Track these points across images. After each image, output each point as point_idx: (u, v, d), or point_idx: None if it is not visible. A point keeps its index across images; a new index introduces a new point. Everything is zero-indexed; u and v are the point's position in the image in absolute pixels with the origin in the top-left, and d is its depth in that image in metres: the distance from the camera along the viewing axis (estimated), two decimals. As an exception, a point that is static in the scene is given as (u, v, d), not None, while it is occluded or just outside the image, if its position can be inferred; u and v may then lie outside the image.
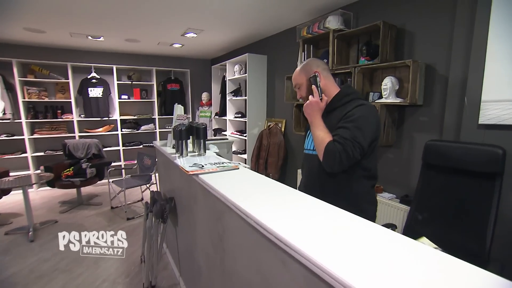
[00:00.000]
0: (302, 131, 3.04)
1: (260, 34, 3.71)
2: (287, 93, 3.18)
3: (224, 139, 2.82)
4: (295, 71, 1.29)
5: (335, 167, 1.07)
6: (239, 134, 4.19)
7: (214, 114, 4.99)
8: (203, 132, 1.79)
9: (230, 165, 1.42)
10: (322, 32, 2.53)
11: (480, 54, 1.50)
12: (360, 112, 1.11)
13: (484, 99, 1.49)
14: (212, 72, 4.99)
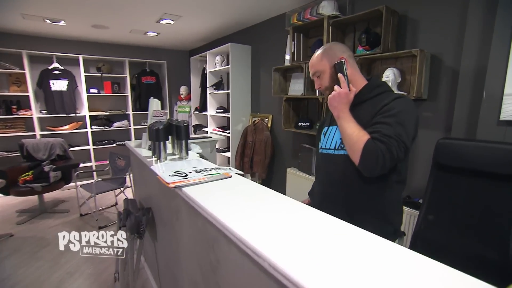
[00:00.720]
0: (292, 128, 2.81)
1: (244, 22, 3.42)
2: (275, 86, 2.93)
3: (208, 137, 2.53)
4: (315, 56, 1.09)
5: (377, 171, 0.89)
6: (222, 130, 3.89)
7: (193, 109, 4.65)
8: (184, 132, 1.49)
9: (220, 172, 1.15)
10: (315, 18, 2.29)
11: (504, 42, 1.33)
12: (401, 106, 0.93)
13: (508, 92, 1.33)
14: (191, 64, 4.62)
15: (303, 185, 2.79)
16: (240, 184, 1.04)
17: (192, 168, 1.21)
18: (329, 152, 1.10)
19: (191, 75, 4.66)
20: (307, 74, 2.46)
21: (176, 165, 1.32)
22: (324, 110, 2.29)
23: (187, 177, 1.07)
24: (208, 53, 3.87)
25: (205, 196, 0.91)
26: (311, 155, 2.72)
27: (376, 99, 1.01)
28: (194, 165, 1.28)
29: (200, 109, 4.38)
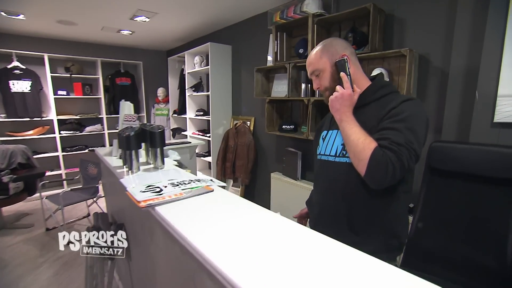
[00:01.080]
0: (275, 131, 2.70)
1: (224, 21, 3.27)
2: (257, 87, 2.80)
3: (186, 142, 2.36)
4: (313, 53, 1.00)
5: (385, 182, 0.80)
6: (202, 134, 3.72)
7: (172, 112, 4.42)
8: (160, 138, 1.33)
9: (200, 185, 1.00)
10: (298, 17, 2.19)
11: (496, 41, 1.28)
12: (410, 110, 0.84)
13: (502, 93, 1.28)
14: (169, 64, 4.40)
15: (288, 190, 2.68)
16: (223, 200, 0.90)
17: (168, 181, 1.05)
18: (329, 159, 0.99)
19: (169, 77, 4.44)
20: (291, 74, 2.36)
21: (150, 177, 1.15)
22: (310, 112, 2.19)
23: (161, 193, 0.91)
24: (186, 53, 3.69)
25: (183, 218, 0.76)
26: (296, 159, 2.61)
27: (382, 101, 0.92)
28: (171, 177, 1.12)
29: (178, 112, 4.18)
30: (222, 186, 1.05)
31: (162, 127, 1.37)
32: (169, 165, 1.43)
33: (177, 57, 4.12)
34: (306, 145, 2.61)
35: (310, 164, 2.61)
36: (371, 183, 0.83)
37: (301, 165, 2.62)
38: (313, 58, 1.00)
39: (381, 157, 0.78)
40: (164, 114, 4.55)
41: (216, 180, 1.10)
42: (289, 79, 2.37)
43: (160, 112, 4.59)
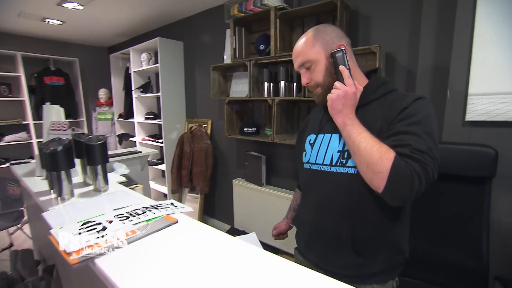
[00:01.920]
0: (236, 134, 2.49)
1: (174, 14, 2.96)
2: (214, 87, 2.57)
3: (136, 152, 2.02)
4: (302, 41, 0.85)
5: (410, 198, 0.66)
6: (153, 139, 3.34)
7: (117, 116, 3.92)
8: (100, 152, 1.03)
9: (159, 214, 0.76)
10: (258, 10, 2.02)
11: (465, 40, 1.26)
12: (425, 110, 0.73)
13: (472, 92, 1.26)
14: (111, 62, 3.89)
15: (252, 198, 2.51)
16: (194, 237, 0.67)
17: (114, 212, 0.77)
18: (322, 169, 0.85)
19: (112, 76, 3.92)
20: (252, 73, 2.18)
21: (89, 206, 0.86)
22: (274, 114, 2.04)
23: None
24: (131, 49, 3.27)
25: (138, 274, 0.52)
26: (259, 163, 2.45)
27: (383, 100, 0.80)
28: (118, 204, 0.85)
29: (125, 116, 3.71)
30: (187, 212, 0.82)
31: (103, 137, 1.07)
32: (115, 185, 1.13)
33: (120, 54, 3.65)
34: (270, 149, 2.46)
35: (276, 169, 2.47)
36: (392, 200, 0.69)
37: (265, 170, 2.46)
38: (303, 47, 0.84)
39: (404, 169, 0.64)
40: (108, 118, 4.02)
41: (179, 204, 0.87)
42: (250, 78, 2.19)
43: (103, 116, 4.04)
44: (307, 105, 2.13)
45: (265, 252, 0.60)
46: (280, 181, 2.45)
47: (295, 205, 1.20)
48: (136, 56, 3.32)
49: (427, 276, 1.27)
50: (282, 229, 1.21)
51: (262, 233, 2.49)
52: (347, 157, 0.79)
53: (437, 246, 1.25)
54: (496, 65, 1.20)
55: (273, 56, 1.99)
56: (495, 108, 1.23)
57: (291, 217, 1.21)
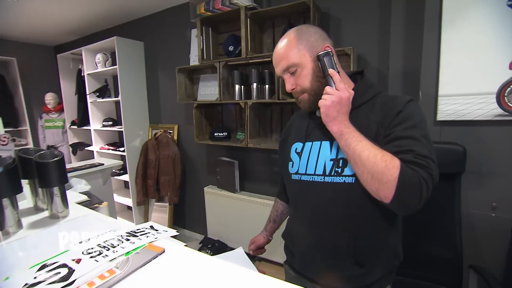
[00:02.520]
0: (206, 139, 2.38)
1: (133, 12, 2.75)
2: (180, 90, 2.43)
3: (98, 165, 1.81)
4: (283, 44, 0.79)
5: (419, 206, 0.64)
6: (114, 148, 3.07)
7: (69, 123, 3.55)
8: (57, 171, 0.87)
9: (140, 243, 0.64)
10: (227, 9, 1.94)
11: (433, 44, 1.32)
12: (419, 113, 0.73)
13: (442, 93, 1.32)
14: (59, 63, 3.49)
15: (226, 205, 2.42)
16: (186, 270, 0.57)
17: (81, 246, 0.64)
18: (314, 180, 0.80)
19: (61, 79, 3.53)
20: (222, 75, 2.09)
21: (45, 240, 0.71)
22: (248, 117, 1.97)
23: (72, 281, 0.51)
24: (84, 49, 2.97)
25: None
26: (232, 169, 2.37)
27: (372, 102, 0.78)
28: (85, 235, 0.70)
29: (79, 123, 3.35)
30: (173, 236, 0.72)
31: (60, 153, 0.90)
32: (75, 207, 0.97)
33: (70, 55, 3.30)
34: (243, 153, 2.39)
35: (249, 174, 2.41)
36: (400, 210, 0.68)
37: (238, 176, 2.38)
38: (286, 50, 0.77)
39: (412, 176, 0.61)
40: (58, 126, 3.62)
41: (160, 227, 0.76)
42: (220, 80, 2.10)
43: (51, 124, 3.62)
44: (280, 107, 2.10)
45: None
46: (254, 186, 2.39)
47: (275, 216, 1.14)
48: (90, 57, 3.03)
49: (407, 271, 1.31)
50: (260, 243, 1.15)
51: (237, 241, 2.41)
52: (342, 166, 0.75)
53: (415, 241, 1.29)
54: (462, 68, 1.28)
55: (244, 58, 1.92)
56: (462, 108, 1.30)
57: (270, 229, 1.15)
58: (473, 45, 1.25)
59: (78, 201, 1.12)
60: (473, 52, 1.25)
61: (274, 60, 0.82)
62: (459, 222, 1.24)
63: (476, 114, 1.29)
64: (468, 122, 1.31)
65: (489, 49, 1.22)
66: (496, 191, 1.30)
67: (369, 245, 0.77)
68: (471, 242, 1.33)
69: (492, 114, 1.26)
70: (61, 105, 3.62)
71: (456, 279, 1.23)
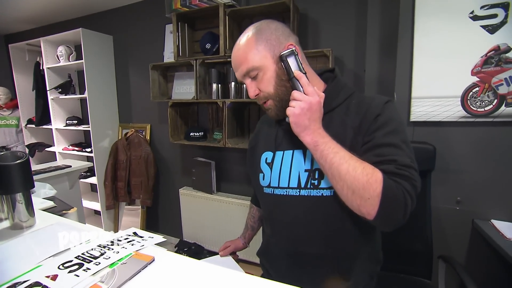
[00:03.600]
0: (181, 140, 2.30)
1: (100, 3, 2.58)
2: (154, 88, 2.33)
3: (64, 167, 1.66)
4: (241, 44, 0.71)
5: (404, 220, 0.60)
6: (79, 149, 2.86)
7: (25, 122, 3.24)
8: (21, 175, 0.78)
9: (127, 251, 0.59)
10: (204, 5, 1.89)
11: (406, 49, 1.39)
12: (397, 116, 0.69)
13: (414, 96, 1.40)
14: (12, 55, 3.16)
15: (202, 207, 2.37)
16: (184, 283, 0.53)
17: (56, 260, 0.57)
18: (289, 194, 0.74)
19: (14, 72, 3.20)
20: (199, 73, 2.03)
21: (10, 254, 0.62)
22: (225, 116, 1.93)
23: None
24: (43, 40, 2.73)
25: None
26: (209, 169, 2.32)
27: (346, 104, 0.73)
28: (58, 246, 0.63)
29: (37, 121, 3.07)
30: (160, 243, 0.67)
31: (24, 154, 0.81)
32: (41, 215, 0.88)
33: (26, 45, 3.00)
34: (219, 154, 2.35)
35: (226, 174, 2.38)
36: (384, 225, 0.63)
37: (215, 176, 2.33)
38: (245, 52, 0.70)
39: (396, 190, 0.57)
40: (11, 124, 3.29)
41: (145, 233, 0.71)
42: (197, 79, 2.04)
43: (3, 122, 3.28)
44: (258, 107, 2.09)
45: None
46: (231, 187, 2.35)
47: (253, 223, 1.11)
48: (51, 49, 2.79)
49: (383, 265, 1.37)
50: (239, 248, 1.11)
51: (214, 242, 2.37)
52: (318, 178, 0.70)
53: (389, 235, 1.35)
54: (432, 72, 1.37)
55: (222, 56, 1.89)
56: (432, 110, 1.38)
57: (248, 237, 1.12)
58: (441, 51, 1.34)
59: (42, 208, 1.03)
60: (441, 58, 1.34)
61: (233, 63, 0.75)
62: (430, 217, 1.32)
63: (444, 115, 1.38)
64: (437, 123, 1.40)
65: (455, 56, 1.32)
66: (461, 186, 1.41)
67: (352, 257, 0.74)
68: (439, 235, 1.43)
69: (458, 115, 1.36)
70: (15, 101, 3.29)
71: (427, 269, 1.30)
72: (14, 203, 0.79)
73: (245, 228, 1.12)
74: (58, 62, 2.74)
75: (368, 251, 0.77)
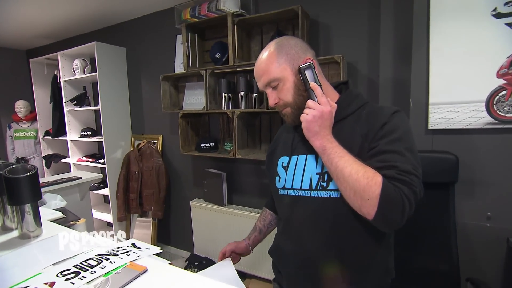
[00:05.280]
0: (192, 151, 2.38)
1: (115, 16, 2.76)
2: (165, 99, 2.43)
3: (75, 179, 1.78)
4: (264, 57, 0.82)
5: (401, 223, 0.67)
6: (93, 160, 3.03)
7: (43, 134, 3.48)
8: (30, 187, 0.86)
9: (122, 261, 0.64)
10: (214, 15, 1.98)
11: (422, 52, 1.38)
12: (404, 125, 0.75)
13: (432, 102, 1.38)
14: (32, 69, 3.43)
15: (213, 219, 2.41)
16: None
17: (56, 268, 0.63)
18: (301, 195, 0.82)
19: (34, 86, 3.47)
20: (209, 83, 2.11)
21: (14, 263, 0.69)
22: (235, 127, 1.99)
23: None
24: (60, 54, 2.95)
25: None
26: (220, 181, 2.37)
27: (358, 114, 0.81)
28: (60, 255, 0.70)
29: (54, 133, 3.29)
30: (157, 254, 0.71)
31: (33, 167, 0.90)
32: (49, 226, 0.96)
33: (45, 60, 3.25)
34: (230, 165, 2.40)
35: (238, 186, 2.41)
36: (383, 226, 0.70)
37: (227, 188, 2.38)
38: (266, 65, 0.80)
39: (394, 193, 0.64)
40: (30, 136, 3.54)
41: (142, 244, 0.76)
42: (207, 89, 2.12)
43: (22, 134, 3.54)
44: (269, 117, 2.13)
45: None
46: (243, 199, 2.39)
47: (262, 226, 1.11)
48: (67, 63, 3.00)
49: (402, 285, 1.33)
50: (241, 251, 1.06)
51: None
52: (327, 180, 0.78)
53: (409, 254, 1.31)
54: (451, 76, 1.34)
55: (231, 66, 1.96)
56: (453, 116, 1.36)
57: (254, 239, 1.10)
58: (461, 52, 1.31)
59: (51, 219, 1.10)
60: (461, 60, 1.32)
61: (255, 74, 0.85)
62: (455, 233, 1.26)
63: (467, 122, 1.34)
64: (459, 131, 1.36)
65: (477, 57, 1.29)
66: (490, 200, 1.35)
67: (357, 262, 0.78)
68: (468, 254, 1.36)
69: (483, 122, 1.31)
70: (34, 113, 3.54)
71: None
72: (23, 214, 0.87)
73: (253, 230, 1.12)
74: (74, 75, 2.94)
75: (375, 259, 0.80)
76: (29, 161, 3.54)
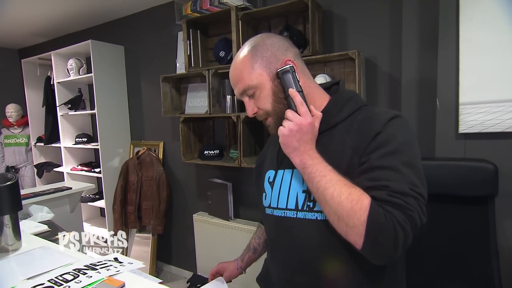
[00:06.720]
0: (195, 158, 2.42)
1: (112, 12, 2.86)
2: (166, 102, 2.49)
3: (64, 189, 1.84)
4: (237, 62, 0.79)
5: (395, 254, 0.61)
6: (88, 169, 3.12)
7: (35, 140, 3.62)
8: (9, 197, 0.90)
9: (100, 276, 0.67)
10: (217, 10, 2.03)
11: (451, 44, 1.36)
12: (402, 134, 0.69)
13: (463, 101, 1.34)
14: (24, 70, 3.58)
15: (218, 235, 2.42)
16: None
17: (29, 283, 0.66)
18: (287, 216, 0.79)
19: (26, 88, 3.61)
20: (212, 84, 2.15)
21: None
22: (240, 132, 2.01)
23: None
24: (54, 54, 3.08)
25: None
26: (225, 192, 2.39)
27: (351, 120, 0.76)
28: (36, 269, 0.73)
29: (47, 139, 3.42)
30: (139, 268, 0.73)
31: (12, 176, 0.94)
32: (31, 239, 1.00)
33: (38, 60, 3.40)
34: (237, 174, 2.42)
35: (245, 198, 2.42)
36: (373, 258, 0.64)
37: (232, 201, 2.40)
38: (240, 70, 0.77)
39: (383, 221, 0.59)
40: (21, 143, 3.68)
41: (125, 258, 0.78)
42: (210, 91, 2.16)
43: (13, 140, 3.68)
44: (279, 120, 2.14)
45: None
46: (251, 213, 2.39)
47: (257, 245, 1.12)
48: (61, 63, 3.12)
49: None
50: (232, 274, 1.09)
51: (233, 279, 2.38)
52: (314, 199, 0.74)
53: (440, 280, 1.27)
54: (486, 71, 1.30)
55: (236, 64, 1.98)
56: (490, 118, 1.31)
57: (248, 260, 1.11)
58: (496, 43, 1.27)
59: (35, 232, 1.15)
60: (497, 52, 1.28)
61: (230, 81, 0.83)
62: (496, 257, 1.20)
63: (508, 124, 1.29)
64: (498, 135, 1.32)
65: (515, 48, 1.25)
66: (540, 218, 1.29)
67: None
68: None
69: (527, 124, 1.27)
70: (25, 118, 3.68)
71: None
72: (2, 226, 0.91)
73: (246, 249, 1.13)
74: (68, 76, 3.06)
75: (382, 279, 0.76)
76: (20, 170, 3.67)
